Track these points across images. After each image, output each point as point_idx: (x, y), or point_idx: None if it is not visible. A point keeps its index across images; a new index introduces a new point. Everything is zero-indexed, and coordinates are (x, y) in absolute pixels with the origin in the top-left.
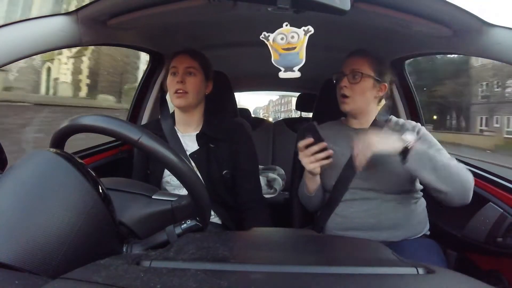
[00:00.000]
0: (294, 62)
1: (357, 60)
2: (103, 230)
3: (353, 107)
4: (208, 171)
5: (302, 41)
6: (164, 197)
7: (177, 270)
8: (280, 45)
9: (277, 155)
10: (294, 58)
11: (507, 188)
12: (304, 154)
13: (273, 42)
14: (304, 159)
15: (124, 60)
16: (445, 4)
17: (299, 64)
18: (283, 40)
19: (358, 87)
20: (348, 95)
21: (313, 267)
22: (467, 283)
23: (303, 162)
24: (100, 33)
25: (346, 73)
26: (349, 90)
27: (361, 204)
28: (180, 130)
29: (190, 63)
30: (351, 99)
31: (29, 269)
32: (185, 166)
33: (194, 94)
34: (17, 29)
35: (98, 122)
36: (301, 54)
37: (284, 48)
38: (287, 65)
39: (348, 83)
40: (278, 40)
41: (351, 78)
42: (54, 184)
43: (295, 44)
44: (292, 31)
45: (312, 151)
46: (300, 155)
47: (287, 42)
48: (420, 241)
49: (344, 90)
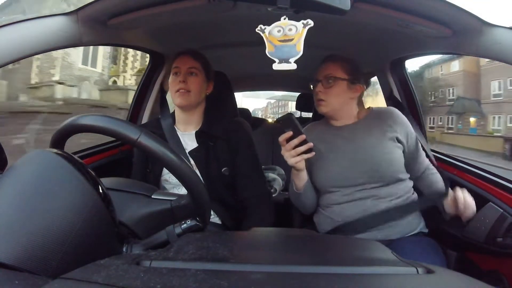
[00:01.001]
0: (290, 53)
1: (330, 65)
2: (103, 230)
3: (328, 109)
4: (207, 168)
5: (300, 33)
6: (163, 197)
7: (177, 270)
8: (276, 37)
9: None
10: (290, 50)
11: (507, 188)
12: (285, 148)
13: (269, 34)
14: (286, 154)
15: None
16: (445, 4)
17: (296, 55)
18: (280, 33)
19: (332, 91)
20: (323, 98)
21: (313, 267)
22: (467, 283)
23: (285, 157)
24: (100, 33)
25: (320, 78)
26: (324, 94)
27: (354, 202)
28: (180, 129)
29: (193, 64)
30: (326, 102)
31: (29, 269)
32: (184, 165)
33: (196, 94)
34: (17, 29)
35: (98, 122)
36: (299, 46)
37: (280, 40)
38: (282, 57)
39: (322, 88)
40: (275, 33)
41: (325, 83)
42: (54, 184)
43: (292, 36)
44: (290, 24)
45: (293, 145)
46: (282, 150)
47: (284, 34)
48: (420, 240)
49: (319, 95)
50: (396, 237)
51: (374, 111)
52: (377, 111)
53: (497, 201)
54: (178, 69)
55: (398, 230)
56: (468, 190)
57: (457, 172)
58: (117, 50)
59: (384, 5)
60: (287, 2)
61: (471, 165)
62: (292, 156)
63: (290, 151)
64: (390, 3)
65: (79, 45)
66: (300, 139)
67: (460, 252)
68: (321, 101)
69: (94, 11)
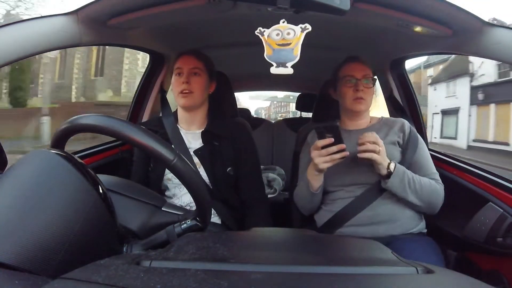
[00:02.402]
0: (288, 58)
1: (363, 66)
2: (103, 230)
3: (366, 108)
4: (212, 168)
5: (298, 38)
6: (173, 210)
7: (177, 270)
8: (274, 41)
9: (277, 155)
10: (288, 54)
11: (507, 188)
12: (320, 153)
13: (268, 37)
14: (318, 159)
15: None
16: (445, 4)
17: (293, 60)
18: (278, 36)
19: (370, 91)
20: (364, 97)
21: (313, 267)
22: (467, 283)
23: (316, 161)
24: (100, 33)
25: (359, 78)
26: (364, 93)
27: (356, 199)
28: (183, 128)
29: (196, 64)
30: (365, 101)
31: (29, 269)
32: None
33: (199, 94)
34: (17, 29)
35: (136, 136)
36: (296, 51)
37: (279, 43)
38: (280, 60)
39: (363, 87)
40: (273, 36)
41: (364, 83)
42: (54, 184)
43: (290, 40)
44: (289, 27)
45: (330, 151)
46: (314, 153)
47: (282, 38)
48: (420, 240)
49: (360, 93)
50: (397, 233)
51: (384, 119)
52: (387, 119)
53: (497, 201)
54: (181, 70)
55: (399, 225)
56: (468, 190)
57: (457, 172)
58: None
59: (384, 5)
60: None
61: (471, 165)
62: (325, 161)
63: (325, 156)
64: (390, 3)
65: (79, 45)
66: (340, 147)
67: (460, 252)
68: (362, 99)
69: (94, 11)
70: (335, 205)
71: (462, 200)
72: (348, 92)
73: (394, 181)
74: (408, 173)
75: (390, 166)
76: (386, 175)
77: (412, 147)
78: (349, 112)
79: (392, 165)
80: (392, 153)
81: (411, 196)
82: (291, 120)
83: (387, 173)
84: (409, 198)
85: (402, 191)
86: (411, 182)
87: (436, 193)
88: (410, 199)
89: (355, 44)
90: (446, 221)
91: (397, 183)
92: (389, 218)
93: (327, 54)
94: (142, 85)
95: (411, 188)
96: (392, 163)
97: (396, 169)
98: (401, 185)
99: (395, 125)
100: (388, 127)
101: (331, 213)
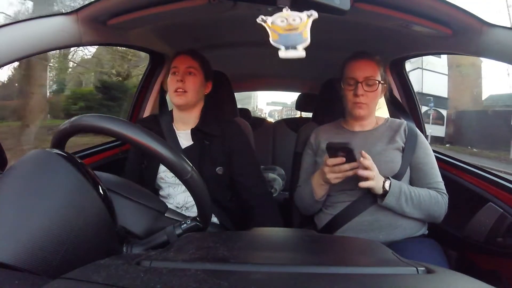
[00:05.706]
0: (297, 40)
1: (368, 66)
2: (103, 230)
3: (367, 112)
4: (200, 167)
5: (305, 23)
6: (175, 217)
7: (177, 270)
8: (280, 27)
9: (277, 155)
10: (296, 37)
11: (507, 188)
12: (332, 170)
13: (272, 24)
14: (330, 174)
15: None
16: (445, 4)
17: (303, 42)
18: (283, 23)
19: (373, 94)
20: (365, 102)
21: (313, 267)
22: (467, 283)
23: (329, 176)
24: (100, 33)
25: (360, 80)
26: (365, 97)
27: (358, 203)
28: (177, 127)
29: (191, 63)
30: (366, 105)
31: (29, 269)
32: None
33: (193, 93)
34: (17, 29)
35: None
36: (305, 34)
37: (285, 29)
38: (289, 44)
39: (363, 90)
40: (278, 22)
41: (366, 85)
42: (54, 184)
43: (296, 26)
44: (294, 14)
45: (343, 169)
46: (326, 169)
47: (288, 24)
48: (420, 241)
49: (360, 98)
50: (398, 238)
51: (390, 120)
52: (393, 121)
53: (497, 201)
54: (176, 69)
55: (400, 231)
56: (468, 190)
57: (457, 172)
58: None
59: (384, 5)
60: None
61: (471, 165)
62: (337, 177)
63: (337, 173)
64: (390, 3)
65: (79, 45)
66: (352, 166)
67: (460, 252)
68: (361, 104)
69: (94, 11)
70: (336, 208)
71: (462, 200)
72: (349, 95)
73: (391, 201)
74: (405, 189)
75: (385, 184)
76: (382, 194)
77: (410, 148)
78: (350, 114)
79: (387, 183)
80: (395, 158)
81: (409, 212)
82: (291, 120)
83: (383, 192)
84: (407, 214)
85: (399, 208)
86: (408, 199)
87: (437, 206)
88: (409, 214)
89: (355, 44)
90: (446, 221)
91: (394, 202)
92: (389, 224)
93: (327, 54)
94: (142, 85)
95: (409, 204)
96: (387, 181)
97: (391, 187)
98: (398, 203)
99: (399, 129)
100: (393, 131)
101: (331, 216)
